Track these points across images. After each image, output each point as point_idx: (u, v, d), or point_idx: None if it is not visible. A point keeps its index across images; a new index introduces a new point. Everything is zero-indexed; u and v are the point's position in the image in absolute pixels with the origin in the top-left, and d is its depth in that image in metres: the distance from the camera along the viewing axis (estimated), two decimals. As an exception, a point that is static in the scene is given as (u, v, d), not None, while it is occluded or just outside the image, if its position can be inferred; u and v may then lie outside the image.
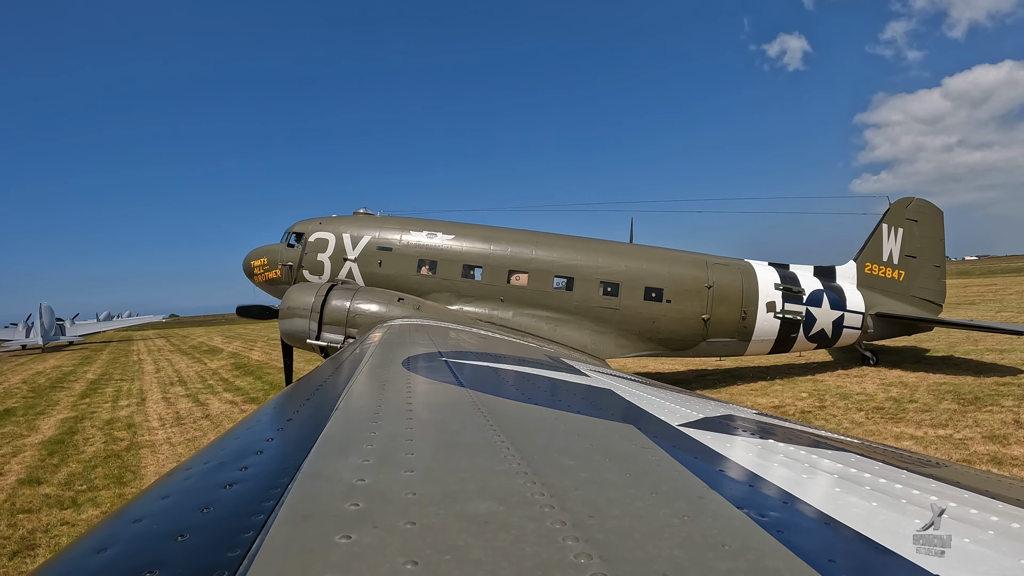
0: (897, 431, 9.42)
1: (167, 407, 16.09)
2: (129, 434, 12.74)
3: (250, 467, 1.57)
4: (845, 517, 1.47)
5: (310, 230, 13.19)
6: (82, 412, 16.02)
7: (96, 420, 14.70)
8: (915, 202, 15.83)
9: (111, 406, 16.86)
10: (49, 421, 15.02)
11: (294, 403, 2.81)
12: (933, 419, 9.89)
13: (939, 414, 10.14)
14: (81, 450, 11.51)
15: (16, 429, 14.14)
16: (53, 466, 10.38)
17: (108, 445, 11.78)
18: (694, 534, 1.23)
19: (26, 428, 14.22)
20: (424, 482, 1.45)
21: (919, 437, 8.98)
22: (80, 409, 16.60)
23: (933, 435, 9.00)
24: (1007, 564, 1.29)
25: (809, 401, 12.10)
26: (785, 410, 11.42)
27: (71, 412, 16.21)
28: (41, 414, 16.21)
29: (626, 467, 1.80)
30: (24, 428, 14.24)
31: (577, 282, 12.83)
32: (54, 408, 17.18)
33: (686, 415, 2.90)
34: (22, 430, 13.97)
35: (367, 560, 1.03)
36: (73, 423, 14.47)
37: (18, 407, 17.59)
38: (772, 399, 12.59)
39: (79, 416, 15.42)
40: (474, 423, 2.20)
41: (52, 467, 10.32)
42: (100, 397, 18.95)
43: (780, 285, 13.76)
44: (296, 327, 10.70)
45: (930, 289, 15.59)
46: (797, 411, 11.27)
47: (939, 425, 9.51)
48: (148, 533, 1.18)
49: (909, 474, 2.07)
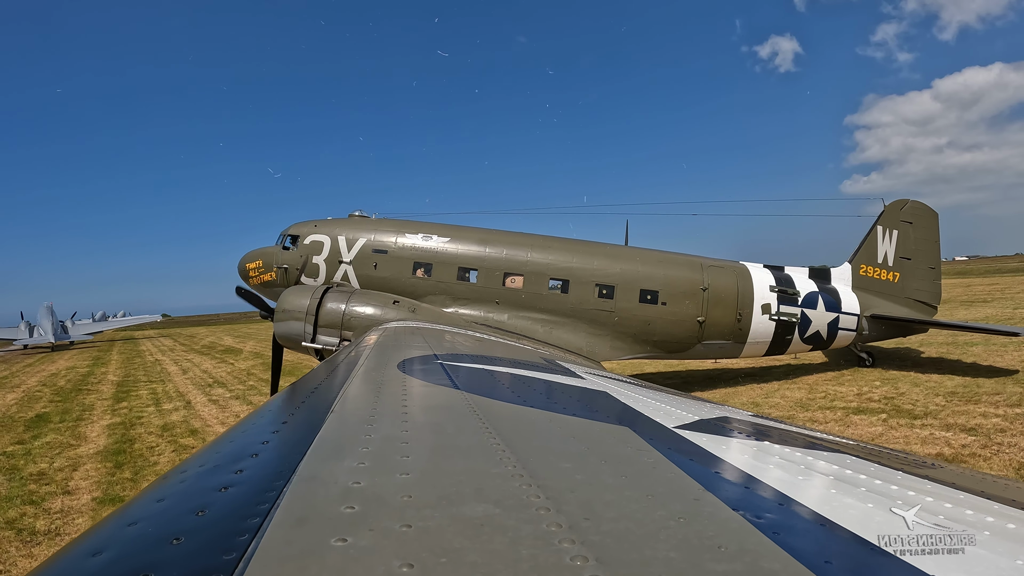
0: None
1: (220, 410, 15.45)
2: (197, 440, 12.07)
3: (245, 470, 1.56)
4: (841, 518, 1.47)
5: (305, 233, 13.16)
6: (127, 418, 14.94)
7: (149, 426, 13.74)
8: (910, 204, 15.90)
9: (155, 410, 15.89)
10: (93, 428, 13.87)
11: (290, 406, 2.81)
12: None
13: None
14: (151, 460, 10.68)
15: (60, 438, 12.98)
16: (128, 480, 9.49)
17: (179, 453, 11.07)
18: (690, 536, 1.23)
19: (71, 436, 13.10)
20: (420, 485, 1.44)
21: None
22: (122, 414, 15.51)
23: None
24: (1003, 565, 1.30)
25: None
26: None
27: (114, 418, 15.12)
28: (80, 420, 15.04)
29: (622, 469, 1.80)
30: (69, 436, 13.11)
31: (572, 284, 12.84)
32: (90, 413, 16.10)
33: (681, 417, 2.91)
34: (67, 438, 12.86)
35: (363, 563, 1.03)
36: (124, 430, 13.41)
37: (50, 412, 16.46)
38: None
39: (126, 422, 14.36)
40: (470, 426, 2.19)
41: (128, 481, 9.42)
42: (137, 401, 17.85)
43: (775, 287, 13.80)
44: (291, 330, 10.68)
45: (925, 291, 15.65)
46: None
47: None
48: (143, 536, 1.18)
49: (904, 475, 2.07)
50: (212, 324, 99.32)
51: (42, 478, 9.82)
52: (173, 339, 53.56)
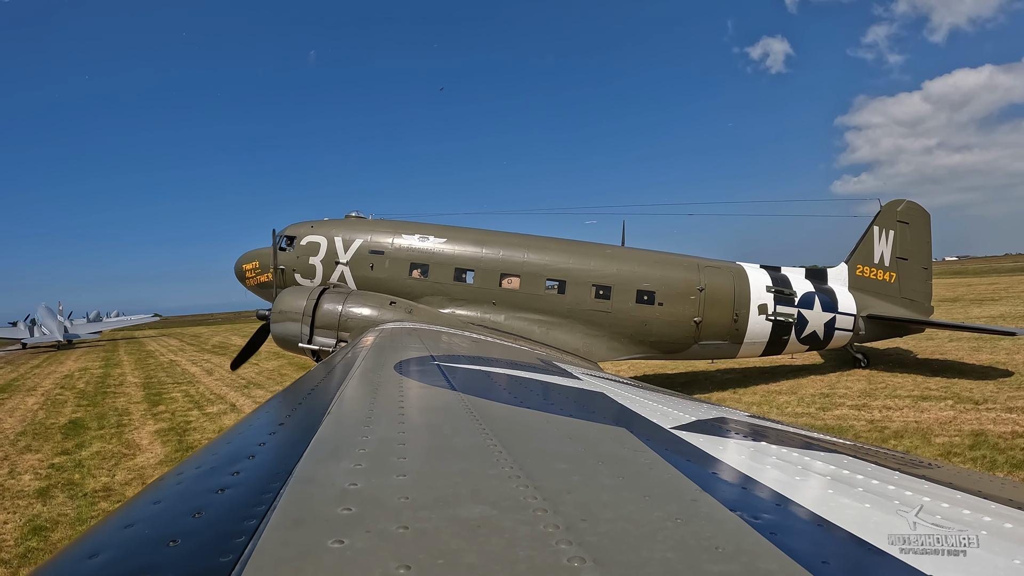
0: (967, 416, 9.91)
1: (273, 411, 14.56)
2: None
3: (242, 472, 1.56)
4: (838, 518, 1.48)
5: (302, 233, 13.14)
6: (173, 423, 13.97)
7: (203, 431, 12.87)
8: (905, 204, 15.94)
9: (200, 414, 14.88)
10: (141, 435, 12.86)
11: (286, 407, 2.80)
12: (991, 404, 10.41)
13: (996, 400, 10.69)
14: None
15: (108, 446, 11.88)
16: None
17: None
18: (687, 537, 1.23)
19: (120, 445, 12.01)
20: (417, 486, 1.44)
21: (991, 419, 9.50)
22: (166, 419, 14.50)
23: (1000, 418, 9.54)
24: (1000, 564, 1.30)
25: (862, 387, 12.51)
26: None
27: (159, 423, 14.11)
28: (121, 426, 13.94)
29: (619, 470, 1.80)
30: (117, 445, 12.02)
31: (569, 285, 12.84)
32: (129, 418, 14.96)
33: (679, 418, 2.91)
34: (116, 447, 11.82)
35: (360, 565, 1.02)
36: (177, 436, 12.51)
37: (83, 418, 15.29)
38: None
39: (176, 427, 13.42)
40: (466, 427, 2.19)
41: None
42: (174, 404, 16.69)
43: (772, 287, 13.82)
44: (288, 331, 10.66)
45: (919, 291, 15.70)
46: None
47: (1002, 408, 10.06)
48: (140, 538, 1.17)
49: (901, 475, 2.08)
50: (211, 324, 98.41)
51: (110, 494, 8.83)
52: (178, 339, 52.44)
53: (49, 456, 11.41)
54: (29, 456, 11.51)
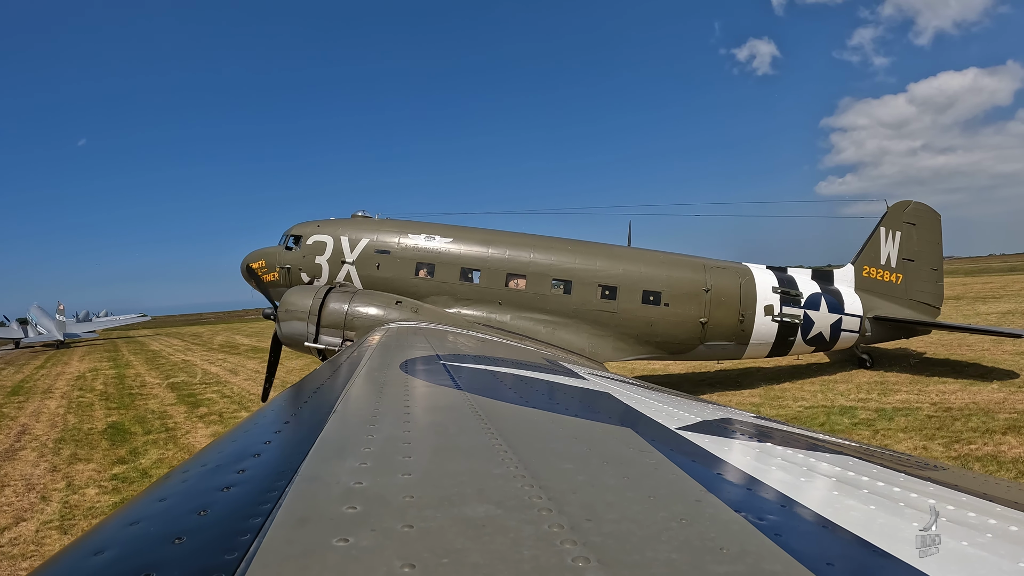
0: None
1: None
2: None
3: (247, 470, 1.56)
4: (843, 520, 1.47)
5: (308, 233, 13.17)
6: (226, 426, 13.32)
7: None
8: (913, 205, 15.84)
9: (248, 415, 13.75)
10: (197, 439, 12.37)
11: (292, 406, 2.81)
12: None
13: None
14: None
15: (167, 453, 11.41)
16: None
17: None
18: (692, 537, 1.23)
19: (178, 450, 11.62)
20: (422, 485, 1.44)
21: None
22: (215, 421, 14.08)
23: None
24: (1005, 567, 1.29)
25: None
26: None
27: (211, 426, 13.62)
28: (170, 430, 13.44)
29: (624, 470, 1.80)
30: (175, 450, 11.62)
31: (575, 285, 12.83)
32: (172, 421, 14.52)
33: (684, 418, 2.90)
34: (176, 453, 11.43)
35: (364, 563, 1.03)
36: None
37: (123, 423, 14.64)
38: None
39: None
40: (472, 426, 2.19)
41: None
42: (216, 406, 16.14)
43: (778, 288, 13.77)
44: (294, 330, 10.69)
45: (928, 292, 15.61)
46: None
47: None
48: (145, 536, 1.18)
49: (907, 477, 2.07)
50: (204, 323, 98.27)
51: None
52: (179, 338, 52.21)
53: (105, 466, 10.74)
54: (81, 466, 10.80)
